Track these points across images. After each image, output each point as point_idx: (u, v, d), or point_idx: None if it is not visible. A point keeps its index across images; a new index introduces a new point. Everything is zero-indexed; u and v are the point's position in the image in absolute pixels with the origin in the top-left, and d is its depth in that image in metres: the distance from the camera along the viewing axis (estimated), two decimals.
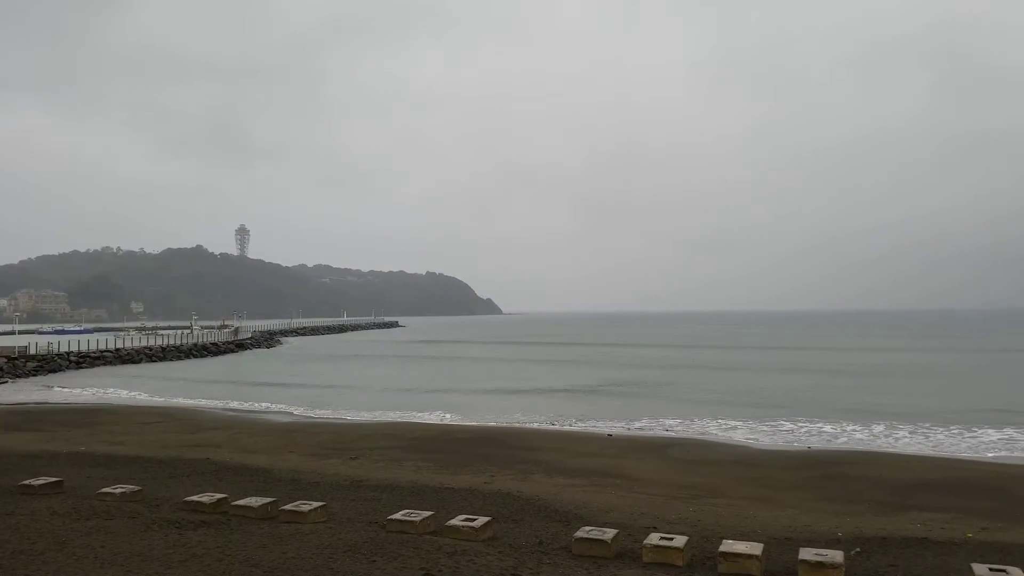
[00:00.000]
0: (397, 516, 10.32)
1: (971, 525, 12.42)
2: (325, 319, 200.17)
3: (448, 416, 31.13)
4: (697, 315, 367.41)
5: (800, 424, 27.92)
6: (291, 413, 32.39)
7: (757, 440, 24.85)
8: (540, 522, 11.52)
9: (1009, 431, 25.61)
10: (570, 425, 28.41)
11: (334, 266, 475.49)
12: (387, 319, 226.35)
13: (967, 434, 25.36)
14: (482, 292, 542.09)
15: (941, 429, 26.41)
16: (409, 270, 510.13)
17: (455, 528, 9.97)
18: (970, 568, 8.31)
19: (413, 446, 21.74)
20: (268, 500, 11.03)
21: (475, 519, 10.22)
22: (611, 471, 17.94)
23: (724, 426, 27.87)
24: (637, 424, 28.72)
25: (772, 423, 28.20)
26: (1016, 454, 22.08)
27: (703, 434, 26.00)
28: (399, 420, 29.30)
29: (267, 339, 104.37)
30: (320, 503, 11.02)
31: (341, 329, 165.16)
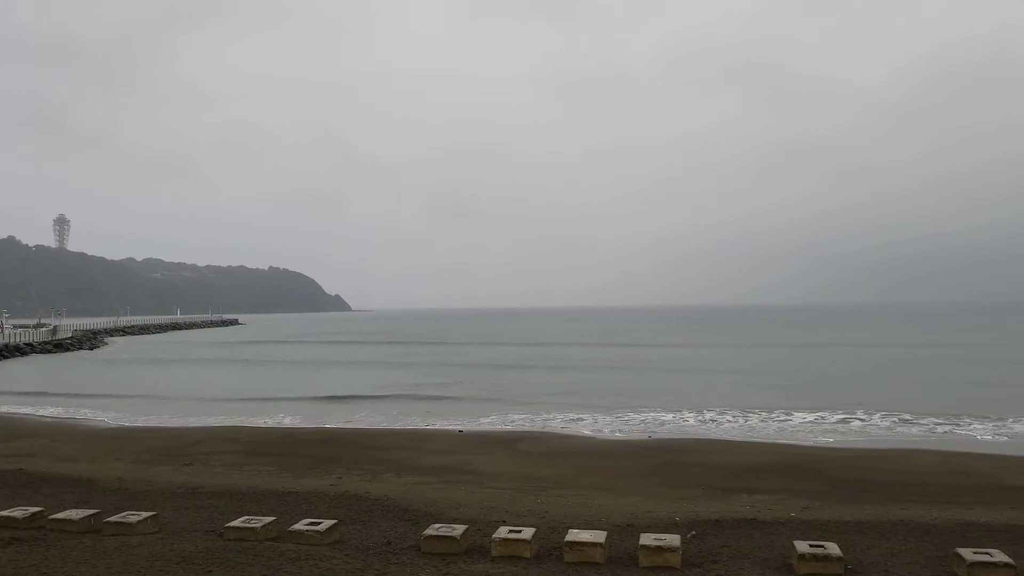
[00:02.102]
0: (236, 523, 9.84)
1: (794, 505, 13.43)
2: (157, 317, 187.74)
3: (292, 419, 30.01)
4: (552, 311, 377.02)
5: (642, 414, 29.23)
6: (117, 419, 30.03)
7: (602, 431, 25.77)
8: (389, 522, 11.31)
9: (821, 414, 28.12)
10: (420, 424, 28.21)
11: (167, 260, 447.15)
12: (226, 317, 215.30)
13: (784, 417, 27.61)
14: (330, 288, 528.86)
15: (764, 414, 28.65)
16: (250, 265, 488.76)
17: (299, 533, 9.60)
18: (793, 545, 8.97)
19: (253, 450, 20.75)
20: (91, 512, 10.21)
21: (320, 522, 9.91)
22: (461, 467, 17.95)
23: (571, 419, 28.68)
24: (486, 420, 28.98)
25: (616, 415, 29.34)
26: (822, 438, 24.24)
27: (550, 427, 26.62)
28: (238, 424, 27.87)
29: (90, 339, 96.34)
30: (150, 513, 10.32)
31: (175, 327, 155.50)
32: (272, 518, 10.12)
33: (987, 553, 8.53)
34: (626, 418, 28.56)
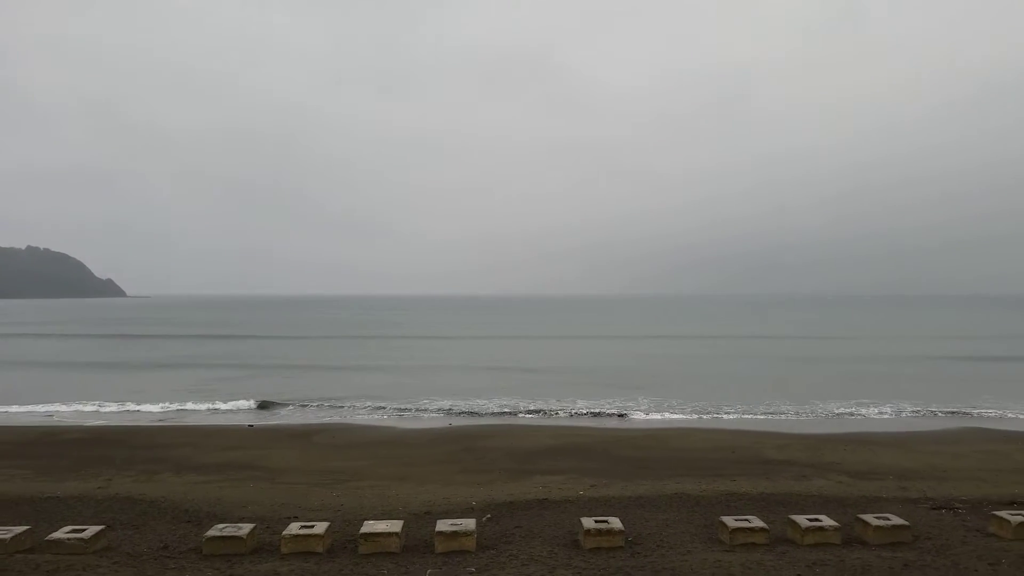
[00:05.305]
0: None
1: (583, 483, 14.13)
2: None
3: (55, 416, 26.95)
4: (349, 299, 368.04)
5: (442, 403, 29.43)
6: None
7: (402, 421, 25.66)
8: (166, 525, 10.48)
9: (606, 400, 29.95)
10: (204, 420, 26.45)
11: None
12: None
13: (574, 403, 29.10)
14: (101, 272, 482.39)
15: (554, 399, 30.08)
16: (3, 243, 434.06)
17: (58, 542, 8.63)
18: (580, 521, 9.44)
19: (5, 452, 18.37)
20: None
21: (84, 529, 8.98)
22: (251, 463, 17.04)
23: (371, 408, 28.32)
24: (282, 412, 27.89)
25: (416, 403, 29.35)
26: (608, 422, 25.85)
27: (349, 419, 26.07)
28: None
29: None
30: None
31: None
32: (26, 527, 9.09)
33: (746, 520, 9.52)
34: (426, 407, 28.64)
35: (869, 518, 9.52)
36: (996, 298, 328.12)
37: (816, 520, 9.42)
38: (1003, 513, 9.88)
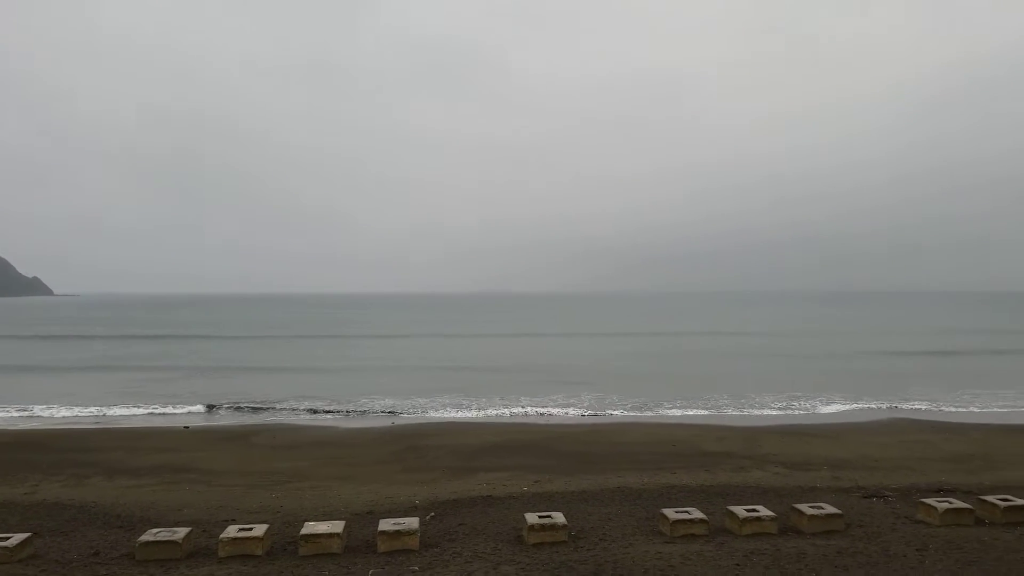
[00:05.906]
0: None
1: (526, 480, 14.17)
2: None
3: None
4: (284, 297, 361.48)
5: (384, 402, 29.16)
6: None
7: (344, 420, 25.33)
8: (97, 531, 10.13)
9: (549, 397, 30.10)
10: (138, 422, 25.64)
11: None
12: None
13: (516, 400, 29.18)
14: (27, 269, 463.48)
15: (498, 398, 30.08)
16: None
17: None
18: (524, 517, 9.47)
19: None
20: None
21: (9, 537, 8.62)
22: (186, 465, 16.59)
23: (312, 408, 27.86)
24: (220, 413, 27.25)
25: (358, 403, 29.00)
26: (552, 418, 26.01)
27: (290, 419, 25.63)
28: None
29: None
30: None
31: None
32: None
33: (686, 511, 9.67)
34: (369, 407, 28.34)
35: (804, 507, 9.77)
36: (995, 295, 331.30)
37: (754, 511, 9.63)
38: (930, 500, 10.27)
